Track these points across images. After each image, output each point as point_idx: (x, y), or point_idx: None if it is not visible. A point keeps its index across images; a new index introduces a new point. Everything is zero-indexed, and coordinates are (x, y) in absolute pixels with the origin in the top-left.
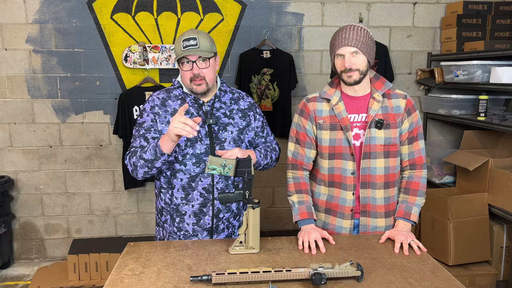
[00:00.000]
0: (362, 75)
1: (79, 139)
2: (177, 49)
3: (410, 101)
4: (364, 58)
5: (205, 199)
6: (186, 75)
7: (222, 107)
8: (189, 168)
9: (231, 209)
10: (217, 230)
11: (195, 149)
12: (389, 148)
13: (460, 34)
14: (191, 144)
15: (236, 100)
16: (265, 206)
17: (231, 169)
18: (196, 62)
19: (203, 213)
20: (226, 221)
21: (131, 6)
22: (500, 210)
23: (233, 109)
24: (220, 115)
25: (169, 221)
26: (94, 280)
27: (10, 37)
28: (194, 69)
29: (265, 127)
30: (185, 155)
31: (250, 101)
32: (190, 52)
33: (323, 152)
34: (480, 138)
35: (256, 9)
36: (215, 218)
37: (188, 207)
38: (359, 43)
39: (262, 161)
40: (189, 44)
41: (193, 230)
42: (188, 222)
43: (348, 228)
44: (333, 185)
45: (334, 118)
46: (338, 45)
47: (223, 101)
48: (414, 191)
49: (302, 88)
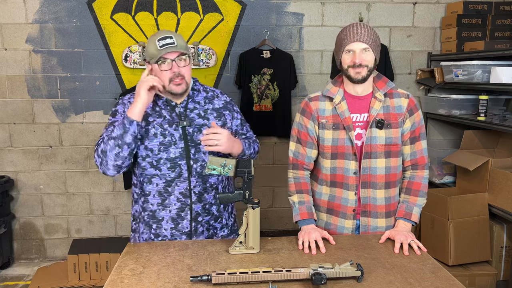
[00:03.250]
0: (369, 72)
1: (79, 139)
2: (152, 50)
3: (412, 100)
4: (373, 55)
5: (183, 204)
6: (165, 75)
7: (196, 108)
8: (164, 173)
9: (211, 212)
10: (196, 233)
11: (169, 153)
12: (390, 148)
13: (460, 34)
14: (165, 148)
15: (211, 99)
16: (265, 206)
17: (231, 169)
18: (175, 61)
19: (181, 217)
20: (206, 223)
21: (131, 6)
22: (500, 210)
23: (207, 109)
24: (194, 116)
25: (141, 228)
26: (94, 280)
27: (10, 37)
28: (174, 67)
29: (244, 124)
30: (159, 160)
31: (226, 99)
32: (168, 50)
33: (325, 152)
34: (480, 138)
35: (256, 9)
36: (194, 221)
37: (165, 213)
38: (370, 40)
39: (247, 150)
40: (166, 43)
41: (171, 235)
42: (166, 228)
43: (350, 228)
44: (335, 185)
45: (337, 118)
46: (350, 40)
47: (197, 101)
48: (415, 192)
49: (302, 88)
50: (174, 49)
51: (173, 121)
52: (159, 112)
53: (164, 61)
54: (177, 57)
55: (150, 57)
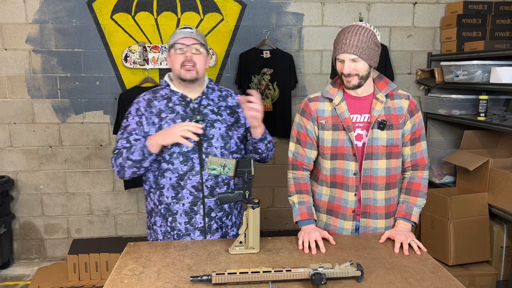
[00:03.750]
0: (362, 80)
1: (79, 139)
2: (171, 37)
3: (413, 101)
4: (364, 64)
5: (195, 198)
6: (178, 59)
7: (209, 104)
8: (176, 167)
9: (223, 207)
10: (210, 230)
11: (182, 147)
12: (391, 149)
13: (460, 34)
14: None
15: (224, 98)
16: (265, 206)
17: (231, 169)
18: (190, 46)
19: (194, 211)
20: (219, 220)
21: (131, 6)
22: (500, 210)
23: (221, 106)
24: (207, 112)
25: (158, 222)
26: (94, 280)
27: (10, 37)
28: (187, 52)
29: None
30: (172, 153)
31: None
32: (185, 34)
33: (325, 153)
34: (480, 138)
35: (256, 9)
36: (207, 217)
37: (179, 206)
38: (359, 50)
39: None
40: (185, 31)
41: (185, 229)
42: (180, 221)
43: (350, 229)
44: (335, 186)
45: (337, 118)
46: (339, 50)
47: (211, 98)
48: (415, 192)
49: (302, 88)
50: (190, 35)
51: (187, 115)
52: (172, 107)
53: (180, 46)
54: (192, 44)
55: (169, 43)
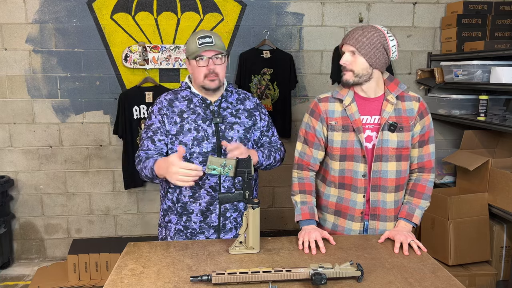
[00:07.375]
0: (357, 78)
1: (79, 139)
2: (192, 47)
3: (423, 104)
4: (362, 61)
5: (212, 198)
6: (201, 71)
7: (228, 107)
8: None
9: (238, 208)
10: (224, 229)
11: (201, 147)
12: (401, 151)
13: (460, 34)
14: (198, 143)
15: (242, 101)
16: (265, 206)
17: (231, 169)
18: (212, 59)
19: (210, 211)
20: (233, 220)
21: (131, 6)
22: (500, 210)
23: (239, 108)
24: (226, 114)
25: (174, 220)
26: (94, 280)
27: (10, 37)
28: (210, 64)
29: (271, 127)
30: (192, 153)
31: (256, 101)
32: (207, 48)
33: (334, 154)
34: (480, 138)
35: (256, 9)
36: (222, 216)
37: (196, 205)
38: (358, 43)
39: (264, 161)
40: (205, 42)
41: (199, 227)
42: (195, 221)
43: (358, 230)
44: (343, 187)
45: (347, 119)
46: (342, 41)
47: (230, 101)
48: (419, 194)
49: (302, 88)
50: (211, 48)
51: (207, 117)
52: (193, 109)
53: (202, 58)
54: (214, 55)
55: (190, 53)
